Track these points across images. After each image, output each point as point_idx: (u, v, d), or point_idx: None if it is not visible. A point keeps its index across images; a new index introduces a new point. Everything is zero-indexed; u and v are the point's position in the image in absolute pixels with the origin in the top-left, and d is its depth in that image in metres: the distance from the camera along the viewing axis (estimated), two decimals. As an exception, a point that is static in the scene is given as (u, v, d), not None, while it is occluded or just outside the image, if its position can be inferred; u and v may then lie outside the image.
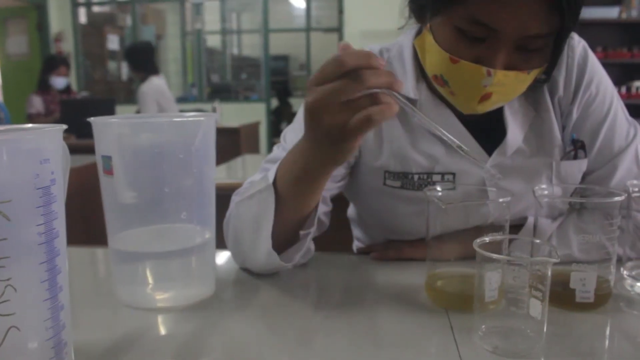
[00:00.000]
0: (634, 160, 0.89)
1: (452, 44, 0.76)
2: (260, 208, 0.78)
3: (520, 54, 0.74)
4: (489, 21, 0.71)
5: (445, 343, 0.63)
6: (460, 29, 0.74)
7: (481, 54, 0.75)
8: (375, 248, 0.95)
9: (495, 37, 0.73)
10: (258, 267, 0.85)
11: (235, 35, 9.29)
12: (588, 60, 0.88)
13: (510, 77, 0.75)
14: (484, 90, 0.76)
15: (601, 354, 0.62)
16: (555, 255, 0.59)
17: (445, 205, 0.69)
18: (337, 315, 0.72)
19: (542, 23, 0.71)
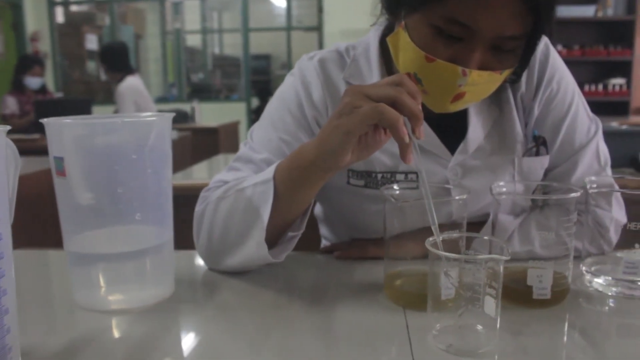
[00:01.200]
0: (594, 157, 0.89)
1: (428, 42, 0.75)
2: (252, 202, 0.77)
3: (494, 55, 0.74)
4: (468, 21, 0.71)
5: (400, 342, 0.62)
6: (438, 28, 0.74)
7: (457, 54, 0.74)
8: (339, 247, 0.94)
9: (472, 36, 0.72)
10: (239, 264, 0.83)
11: (217, 35, 9.24)
12: (549, 57, 0.88)
13: (484, 77, 0.75)
14: (458, 89, 0.76)
15: (556, 350, 0.62)
16: (506, 253, 0.58)
17: (400, 203, 0.68)
18: (294, 314, 0.72)
19: (519, 24, 0.71)
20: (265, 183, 0.76)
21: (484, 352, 0.60)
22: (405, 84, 0.65)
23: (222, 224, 0.82)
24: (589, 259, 0.81)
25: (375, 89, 0.66)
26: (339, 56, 0.93)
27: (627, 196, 0.83)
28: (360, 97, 0.65)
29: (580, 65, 5.57)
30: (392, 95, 0.64)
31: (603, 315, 0.72)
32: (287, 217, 0.79)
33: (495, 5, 0.69)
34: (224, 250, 0.82)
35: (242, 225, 0.78)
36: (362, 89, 0.66)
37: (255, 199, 0.76)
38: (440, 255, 0.59)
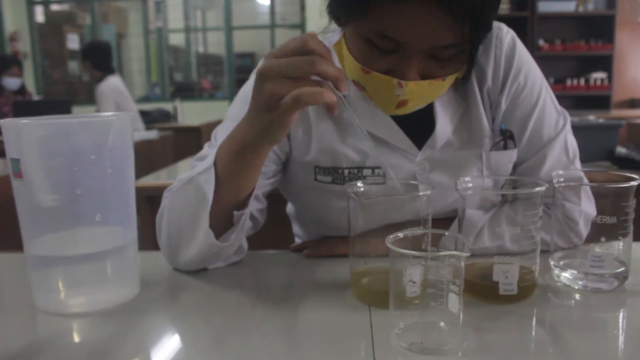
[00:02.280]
0: (563, 150, 0.89)
1: (363, 55, 0.75)
2: (198, 191, 0.76)
3: (433, 62, 0.73)
4: (395, 35, 0.70)
5: (362, 341, 0.61)
6: (370, 41, 0.73)
7: (393, 65, 0.74)
8: (309, 245, 0.93)
9: (405, 49, 0.72)
10: (194, 258, 0.81)
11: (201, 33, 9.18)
12: (516, 50, 0.88)
13: (423, 85, 0.74)
14: (398, 98, 0.75)
15: (520, 345, 0.61)
16: (467, 249, 0.57)
17: (363, 200, 0.67)
18: (259, 313, 0.71)
19: (450, 33, 0.69)
20: (207, 171, 0.76)
21: (447, 349, 0.59)
22: (311, 47, 0.64)
23: (175, 219, 0.81)
24: (557, 253, 0.81)
25: (289, 66, 0.64)
26: None
27: (594, 190, 0.83)
28: (280, 82, 0.64)
29: (562, 60, 5.62)
30: (309, 71, 0.64)
31: (569, 310, 0.72)
32: (234, 199, 0.78)
33: (422, 19, 0.68)
34: (180, 245, 0.81)
35: (191, 217, 0.77)
36: (277, 70, 0.64)
37: (200, 188, 0.76)
38: (401, 253, 0.58)
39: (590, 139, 1.95)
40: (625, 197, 0.75)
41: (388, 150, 0.87)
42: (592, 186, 0.84)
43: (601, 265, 0.74)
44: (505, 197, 0.86)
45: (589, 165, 1.95)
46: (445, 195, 0.87)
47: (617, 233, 0.75)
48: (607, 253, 0.74)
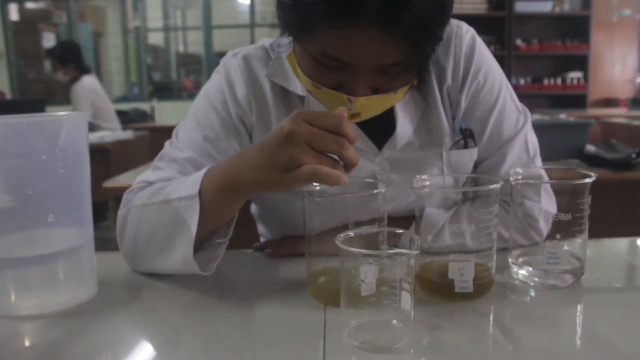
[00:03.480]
0: (523, 148, 0.90)
1: (312, 71, 0.75)
2: (179, 216, 0.74)
3: (382, 77, 0.73)
4: (340, 56, 0.70)
5: (314, 340, 0.61)
6: (318, 59, 0.73)
7: (342, 81, 0.74)
8: (271, 244, 0.93)
9: (351, 67, 0.71)
10: (163, 271, 0.81)
11: (181, 33, 9.11)
12: (476, 49, 0.88)
13: (373, 99, 0.74)
14: (350, 112, 0.75)
15: (471, 343, 0.61)
16: (415, 247, 0.57)
17: (317, 198, 0.67)
18: (215, 313, 0.71)
19: (394, 52, 0.69)
20: (191, 199, 0.73)
21: (398, 347, 0.59)
22: (346, 132, 0.64)
23: (147, 234, 0.79)
24: (515, 250, 0.81)
25: (320, 141, 0.63)
26: (264, 52, 0.91)
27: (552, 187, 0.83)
28: (304, 150, 0.63)
29: (539, 59, 5.68)
30: (335, 152, 0.64)
31: (525, 306, 0.72)
32: (212, 227, 0.77)
33: (365, 42, 0.68)
34: (148, 258, 0.80)
35: (167, 238, 0.76)
36: (306, 138, 0.63)
37: (181, 214, 0.74)
38: (350, 252, 0.58)
39: (561, 137, 1.97)
40: (580, 194, 0.76)
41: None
42: (546, 183, 0.85)
43: (557, 262, 0.75)
44: (466, 195, 0.86)
45: (559, 163, 1.98)
46: (406, 195, 0.87)
47: (572, 230, 0.76)
48: (562, 250, 0.75)
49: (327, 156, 0.64)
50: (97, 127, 3.82)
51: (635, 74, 5.98)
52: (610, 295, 0.75)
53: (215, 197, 0.72)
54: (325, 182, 0.64)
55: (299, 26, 0.71)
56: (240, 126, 0.89)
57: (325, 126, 0.64)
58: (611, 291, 0.76)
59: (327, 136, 0.63)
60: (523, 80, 5.58)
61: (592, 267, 0.81)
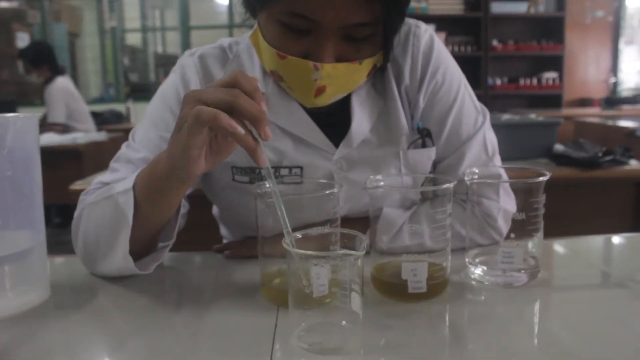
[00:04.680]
0: (481, 147, 0.90)
1: (278, 39, 0.74)
2: (118, 211, 0.74)
3: (348, 45, 0.73)
4: (308, 12, 0.70)
5: (263, 342, 0.60)
6: (284, 23, 0.73)
7: (308, 48, 0.73)
8: (230, 246, 0.92)
9: (319, 29, 0.71)
10: (112, 272, 0.80)
11: (159, 33, 9.03)
12: (434, 48, 0.88)
13: (340, 69, 0.74)
14: (315, 84, 0.75)
15: (420, 343, 0.61)
16: (361, 248, 0.57)
17: (267, 200, 0.66)
18: (167, 315, 0.70)
19: (363, 11, 0.70)
20: (126, 192, 0.73)
21: (347, 349, 0.59)
22: (239, 83, 0.62)
23: (93, 232, 0.79)
24: (473, 250, 0.81)
25: (210, 94, 0.62)
26: (221, 52, 0.91)
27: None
28: (195, 105, 0.62)
29: (515, 60, 5.74)
30: (228, 101, 0.61)
31: (479, 306, 0.72)
32: (153, 225, 0.77)
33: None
34: (97, 258, 0.79)
35: (110, 235, 0.76)
36: (199, 96, 0.62)
37: (119, 208, 0.74)
38: (295, 254, 0.57)
39: (530, 137, 1.99)
40: (534, 193, 0.76)
41: (305, 148, 0.86)
42: (498, 183, 0.85)
43: (511, 262, 0.75)
44: (424, 195, 0.86)
45: (528, 163, 2.00)
46: (364, 194, 0.86)
47: (527, 229, 0.76)
48: (517, 249, 0.75)
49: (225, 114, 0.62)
50: (72, 128, 3.77)
51: (608, 74, 6.07)
52: (564, 294, 0.75)
53: (146, 191, 0.72)
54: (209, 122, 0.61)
55: None
56: (196, 126, 0.87)
57: (219, 83, 0.63)
58: (566, 290, 0.76)
59: (218, 90, 0.62)
60: (499, 81, 5.63)
61: (548, 266, 0.82)
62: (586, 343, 0.60)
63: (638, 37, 6.36)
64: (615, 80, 6.11)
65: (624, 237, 1.04)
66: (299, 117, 0.86)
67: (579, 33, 5.89)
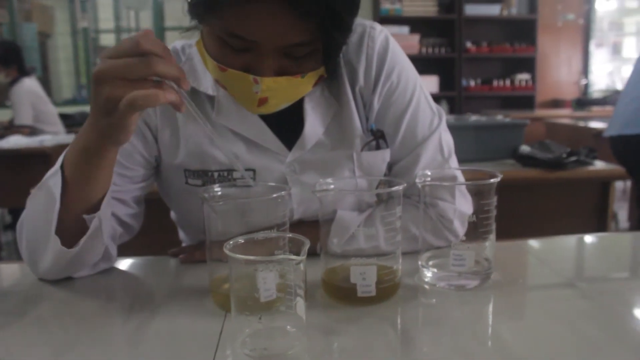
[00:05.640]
0: (437, 149, 0.90)
1: (218, 52, 0.74)
2: (48, 195, 0.73)
3: (289, 60, 0.72)
4: (244, 34, 0.69)
5: (206, 349, 0.59)
6: (224, 40, 0.72)
7: (249, 62, 0.72)
8: (185, 250, 0.90)
9: (257, 47, 0.71)
10: (50, 263, 0.77)
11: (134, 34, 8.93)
12: (389, 50, 0.87)
13: (281, 82, 0.73)
14: (257, 95, 0.74)
15: (367, 347, 0.60)
16: (303, 252, 0.56)
17: (212, 204, 0.65)
18: (113, 321, 0.69)
19: (299, 32, 0.69)
20: (55, 174, 0.73)
21: (292, 354, 0.58)
22: (147, 49, 0.62)
23: (31, 226, 0.78)
24: (426, 253, 0.81)
25: (127, 68, 0.62)
26: (174, 55, 0.89)
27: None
28: (117, 85, 0.62)
29: (488, 62, 5.79)
30: (145, 72, 0.62)
31: (428, 310, 0.72)
32: (85, 204, 0.75)
33: (269, 19, 0.67)
34: (37, 253, 0.77)
35: (44, 223, 0.73)
36: (114, 72, 0.62)
37: (50, 192, 0.72)
38: (235, 258, 0.56)
39: (497, 138, 2.00)
40: (485, 195, 0.76)
41: (258, 151, 0.85)
42: (453, 185, 0.85)
43: (463, 264, 0.75)
44: (380, 197, 0.85)
45: (495, 164, 2.01)
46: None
47: (478, 231, 0.76)
48: (468, 252, 0.75)
49: (146, 80, 0.63)
50: (39, 131, 3.69)
51: (580, 76, 6.16)
52: (516, 296, 0.75)
53: (75, 167, 0.72)
54: (147, 104, 0.62)
55: (205, 5, 0.70)
56: (144, 128, 0.86)
57: (126, 52, 0.63)
58: (517, 292, 0.76)
59: (129, 61, 0.62)
60: (473, 82, 5.68)
61: (502, 268, 0.82)
62: (533, 345, 0.60)
63: (608, 39, 6.48)
64: (586, 82, 6.20)
65: (579, 237, 1.05)
66: (251, 121, 0.84)
67: (550, 35, 5.97)
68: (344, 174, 0.87)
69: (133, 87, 0.62)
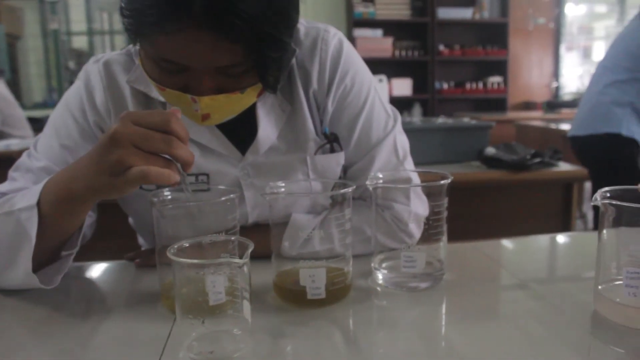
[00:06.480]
0: (392, 151, 0.90)
1: (155, 73, 0.73)
2: (19, 228, 0.71)
3: (227, 77, 0.72)
4: (174, 59, 0.69)
5: (152, 354, 0.59)
6: (157, 62, 0.72)
7: (186, 81, 0.72)
8: (141, 254, 0.89)
9: (192, 69, 0.70)
10: (13, 287, 0.77)
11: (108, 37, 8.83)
12: (342, 53, 0.88)
13: (219, 99, 0.73)
14: (197, 113, 0.74)
15: (313, 349, 0.61)
16: (245, 256, 0.56)
17: (160, 208, 0.65)
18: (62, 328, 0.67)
19: (229, 54, 0.68)
20: (29, 209, 0.71)
21: (237, 357, 0.58)
22: (175, 130, 0.63)
23: None
24: (379, 255, 0.81)
25: (148, 140, 0.62)
26: (127, 58, 0.89)
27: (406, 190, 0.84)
28: (131, 152, 0.62)
29: (461, 65, 5.86)
30: (165, 151, 0.63)
31: (379, 311, 0.72)
32: (57, 239, 0.74)
33: (193, 44, 0.67)
34: None
35: (9, 251, 0.72)
36: (132, 139, 0.62)
37: (22, 224, 0.71)
38: (178, 262, 0.56)
39: (463, 140, 2.03)
40: (436, 196, 0.77)
41: (212, 156, 0.85)
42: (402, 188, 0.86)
43: (413, 266, 0.75)
44: (335, 199, 0.86)
45: (461, 166, 2.04)
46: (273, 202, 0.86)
47: (429, 232, 0.77)
48: (418, 253, 0.75)
49: (158, 156, 0.63)
50: (6, 135, 3.62)
51: (551, 79, 6.27)
52: (467, 297, 0.75)
53: (53, 207, 0.70)
54: (156, 182, 0.62)
55: (135, 32, 0.69)
56: (99, 133, 0.86)
57: (152, 125, 0.62)
58: (469, 293, 0.77)
59: (154, 135, 0.62)
60: (446, 85, 5.73)
61: (456, 269, 0.83)
62: (481, 347, 0.61)
63: (578, 43, 6.60)
64: (557, 85, 6.31)
65: (536, 238, 1.07)
66: (204, 126, 0.84)
67: (522, 39, 6.06)
68: (297, 177, 0.87)
69: (146, 159, 0.62)
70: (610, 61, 2.28)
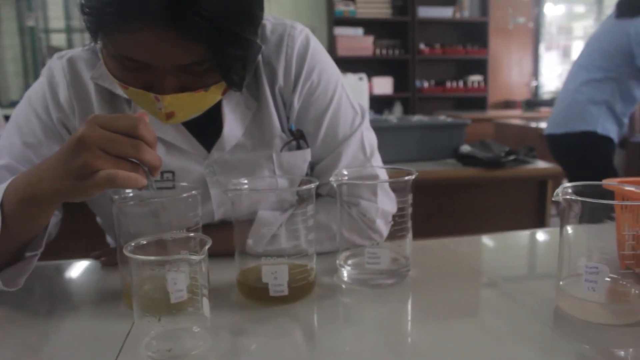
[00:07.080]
0: (359, 148, 0.90)
1: (118, 71, 0.72)
2: None
3: (190, 75, 0.71)
4: (136, 57, 0.68)
5: (109, 352, 0.59)
6: (119, 60, 0.71)
7: (149, 79, 0.71)
8: (106, 253, 0.89)
9: (154, 67, 0.69)
10: None
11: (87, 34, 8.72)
12: (309, 49, 0.88)
13: (183, 98, 0.72)
14: (161, 111, 0.73)
15: (273, 347, 0.60)
16: (202, 252, 0.56)
17: (118, 204, 0.64)
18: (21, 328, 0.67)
19: (190, 52, 0.68)
20: None
21: (196, 354, 0.58)
22: (142, 135, 0.62)
23: None
24: (345, 252, 0.81)
25: (115, 144, 0.61)
26: (92, 55, 0.88)
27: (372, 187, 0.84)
28: (98, 155, 0.60)
29: (442, 63, 5.88)
30: (132, 155, 0.62)
31: (342, 308, 0.73)
32: (21, 240, 0.72)
33: (153, 42, 0.66)
34: None
35: None
36: (99, 143, 0.60)
37: None
38: (134, 259, 0.55)
39: (438, 138, 2.04)
40: (400, 193, 0.77)
41: (177, 153, 0.84)
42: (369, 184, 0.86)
43: (377, 262, 0.76)
44: (301, 196, 0.86)
45: (437, 163, 2.05)
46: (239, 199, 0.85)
47: (393, 229, 0.77)
48: (382, 250, 0.75)
49: (125, 160, 0.62)
50: (-19, 133, 3.57)
51: (530, 78, 6.32)
52: (432, 294, 0.75)
53: (17, 208, 0.68)
54: (123, 186, 0.61)
55: (95, 30, 0.69)
56: (63, 130, 0.85)
57: (120, 129, 0.61)
58: (434, 290, 0.77)
59: (120, 139, 0.61)
60: (427, 83, 5.76)
61: (422, 266, 0.83)
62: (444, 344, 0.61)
63: (557, 43, 6.67)
64: (536, 84, 6.37)
65: (505, 235, 1.08)
66: None
67: (502, 38, 6.10)
68: (263, 174, 0.87)
69: (114, 163, 0.61)
70: (586, 60, 2.32)
